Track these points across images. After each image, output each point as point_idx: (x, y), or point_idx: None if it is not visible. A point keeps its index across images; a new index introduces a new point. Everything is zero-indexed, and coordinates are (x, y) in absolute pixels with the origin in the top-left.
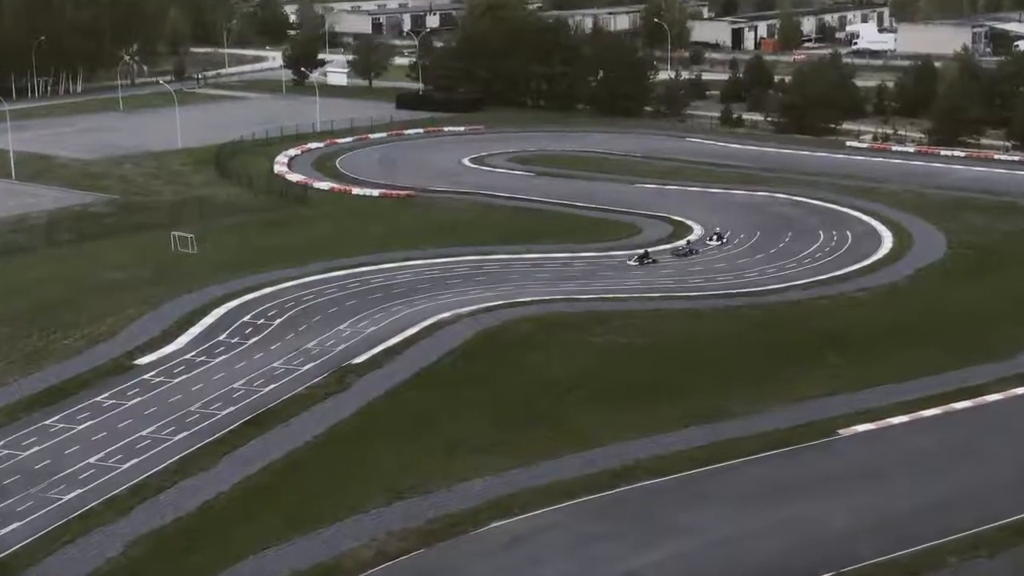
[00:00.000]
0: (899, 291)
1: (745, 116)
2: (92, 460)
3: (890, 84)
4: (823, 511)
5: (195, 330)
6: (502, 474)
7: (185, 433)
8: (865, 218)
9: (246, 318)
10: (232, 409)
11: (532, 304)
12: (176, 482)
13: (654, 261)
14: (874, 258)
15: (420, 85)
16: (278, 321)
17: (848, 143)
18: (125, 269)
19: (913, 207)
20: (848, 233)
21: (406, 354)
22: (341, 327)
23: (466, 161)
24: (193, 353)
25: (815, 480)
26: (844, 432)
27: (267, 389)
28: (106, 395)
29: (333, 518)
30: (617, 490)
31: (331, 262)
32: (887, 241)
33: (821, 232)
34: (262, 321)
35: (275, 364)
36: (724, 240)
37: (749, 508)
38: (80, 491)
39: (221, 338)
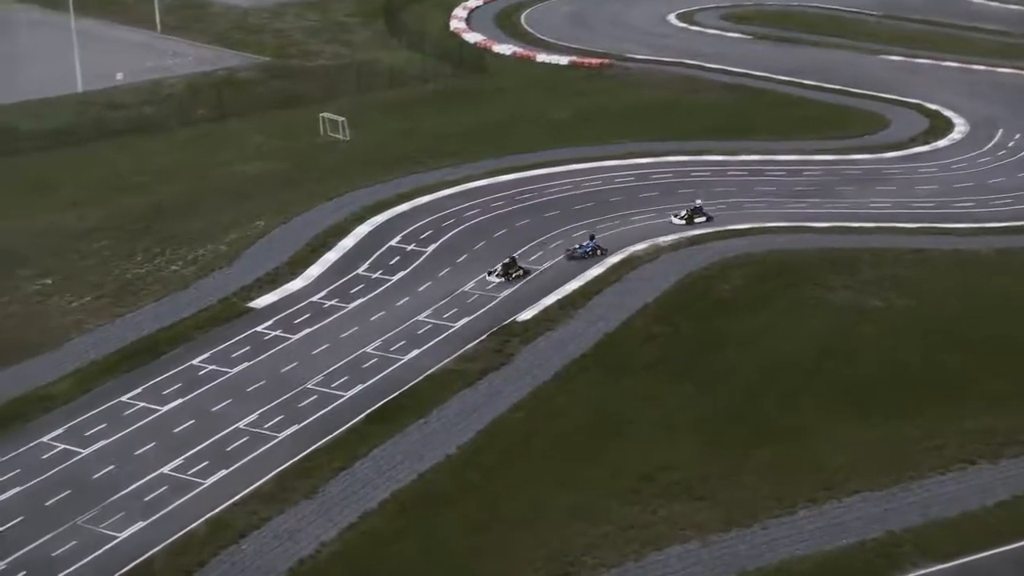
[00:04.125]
0: None
1: None
2: (165, 470)
3: None
4: None
5: (330, 256)
6: (714, 542)
7: (292, 428)
8: None
9: (393, 241)
10: (358, 390)
11: (749, 235)
12: (257, 527)
13: (708, 218)
14: None
15: None
16: (432, 248)
17: None
18: (262, 159)
19: None
20: None
21: (587, 308)
22: (508, 261)
23: (671, 18)
24: (323, 293)
25: None
26: None
27: (406, 358)
28: (205, 357)
29: None
30: None
31: (503, 159)
32: None
33: None
34: (412, 247)
35: (421, 316)
36: (598, 249)
37: None
38: (140, 525)
39: (361, 270)
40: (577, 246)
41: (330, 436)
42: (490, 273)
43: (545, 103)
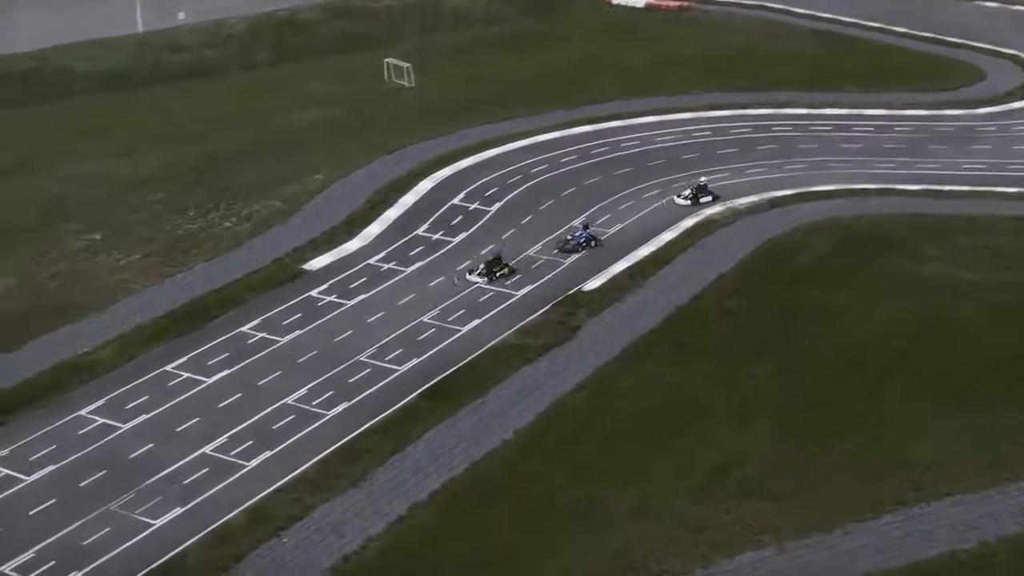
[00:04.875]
0: None
1: None
2: (207, 449)
3: None
4: None
5: (390, 215)
6: (790, 548)
7: (342, 406)
8: None
9: (456, 199)
10: (412, 364)
11: (834, 197)
12: (299, 518)
13: (714, 197)
14: None
15: None
16: (496, 206)
17: None
18: (323, 106)
19: None
20: None
21: (657, 277)
22: (575, 223)
23: None
24: (380, 256)
25: None
26: None
27: (465, 329)
28: (255, 324)
29: None
30: None
31: (575, 111)
32: None
33: None
34: (476, 206)
35: (483, 282)
36: (593, 241)
37: None
38: (176, 512)
39: (421, 231)
40: (569, 236)
41: (381, 416)
42: (471, 272)
43: (621, 47)
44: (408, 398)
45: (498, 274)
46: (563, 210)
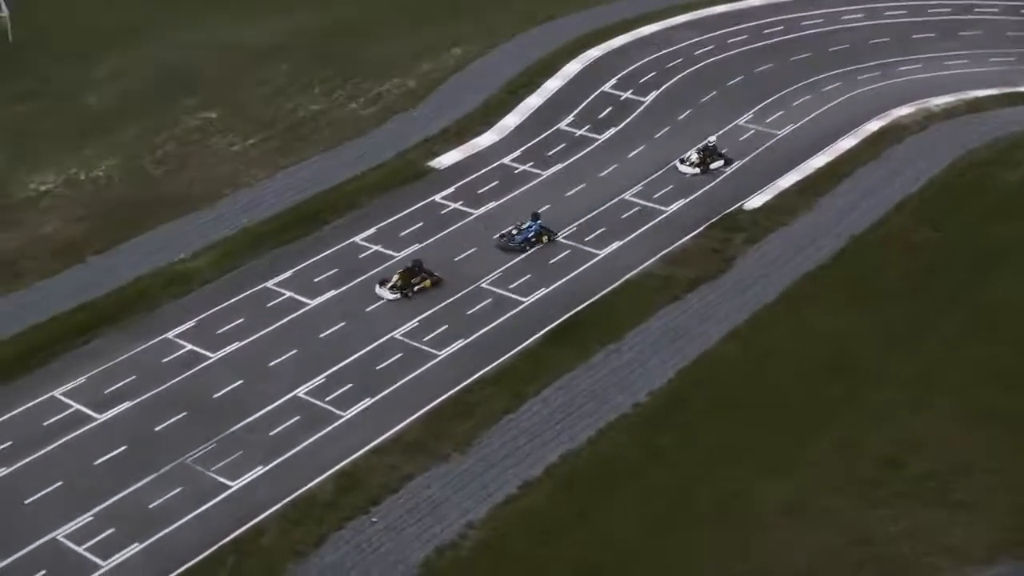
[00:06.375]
0: None
1: None
2: (300, 392)
3: None
4: None
5: (531, 102)
6: None
7: (456, 345)
8: None
9: (607, 86)
10: (540, 295)
11: None
12: (393, 490)
13: (726, 161)
14: None
15: None
16: (651, 97)
17: None
18: None
19: None
20: None
21: (832, 196)
22: (740, 120)
23: None
24: (516, 154)
25: None
26: None
27: (603, 253)
28: (370, 234)
29: None
30: None
31: None
32: None
33: None
34: (628, 95)
35: (627, 194)
36: (545, 235)
37: None
38: (258, 472)
39: (563, 124)
40: (513, 229)
41: (498, 361)
42: (382, 284)
43: None
44: (529, 340)
45: (416, 288)
46: (729, 105)
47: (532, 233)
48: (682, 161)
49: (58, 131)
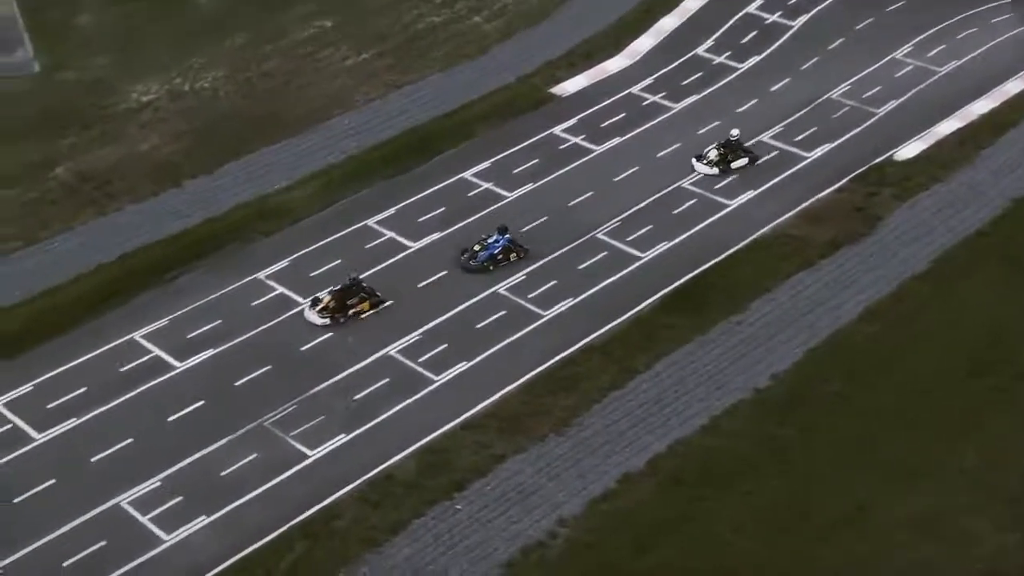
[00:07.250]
0: None
1: None
2: (392, 351)
3: None
4: None
5: (667, 24)
6: None
7: (566, 303)
8: None
9: (752, 7)
10: (659, 250)
11: None
12: (481, 474)
13: (751, 159)
14: None
15: None
16: (801, 21)
17: None
18: None
19: None
20: None
21: (997, 147)
22: (898, 54)
23: None
24: (647, 83)
25: None
26: None
27: (733, 204)
28: (482, 168)
29: None
30: None
31: None
32: None
33: None
34: (775, 18)
35: (765, 135)
36: (512, 252)
37: None
38: (339, 441)
39: (701, 50)
40: (478, 245)
41: (606, 327)
42: (312, 304)
43: None
44: (642, 305)
45: (351, 311)
46: (886, 34)
47: (498, 249)
48: (699, 159)
49: (165, 34)
